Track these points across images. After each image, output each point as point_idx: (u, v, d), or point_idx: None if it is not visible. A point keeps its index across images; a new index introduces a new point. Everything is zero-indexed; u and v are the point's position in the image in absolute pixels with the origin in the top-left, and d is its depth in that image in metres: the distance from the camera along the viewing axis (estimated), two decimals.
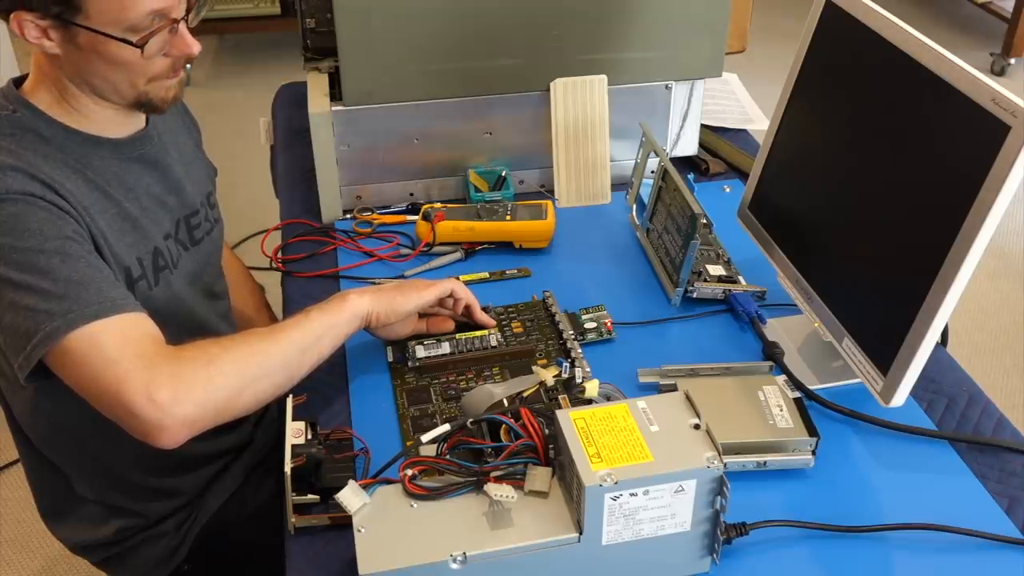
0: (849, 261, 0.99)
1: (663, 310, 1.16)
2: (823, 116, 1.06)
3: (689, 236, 1.11)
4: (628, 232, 1.32)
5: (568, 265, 1.26)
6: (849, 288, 0.99)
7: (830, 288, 1.01)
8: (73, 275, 0.89)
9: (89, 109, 0.98)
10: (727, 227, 1.22)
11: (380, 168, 1.34)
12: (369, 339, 1.07)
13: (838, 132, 1.03)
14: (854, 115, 1.00)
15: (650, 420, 0.83)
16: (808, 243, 1.06)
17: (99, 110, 0.98)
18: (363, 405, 1.02)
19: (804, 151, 1.09)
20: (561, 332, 1.09)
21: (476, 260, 1.26)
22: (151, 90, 0.97)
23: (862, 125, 0.99)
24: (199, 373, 0.87)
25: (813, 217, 1.06)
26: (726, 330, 1.13)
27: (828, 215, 1.03)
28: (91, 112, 0.98)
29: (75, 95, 0.97)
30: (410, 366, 1.05)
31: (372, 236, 1.30)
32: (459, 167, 1.37)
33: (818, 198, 1.05)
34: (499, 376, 1.04)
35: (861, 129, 0.99)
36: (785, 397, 0.98)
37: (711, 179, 1.44)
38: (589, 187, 1.37)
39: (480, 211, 1.27)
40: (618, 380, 1.00)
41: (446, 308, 1.07)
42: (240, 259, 1.41)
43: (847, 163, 1.01)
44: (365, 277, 1.22)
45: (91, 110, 0.98)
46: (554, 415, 0.84)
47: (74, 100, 0.97)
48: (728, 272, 1.18)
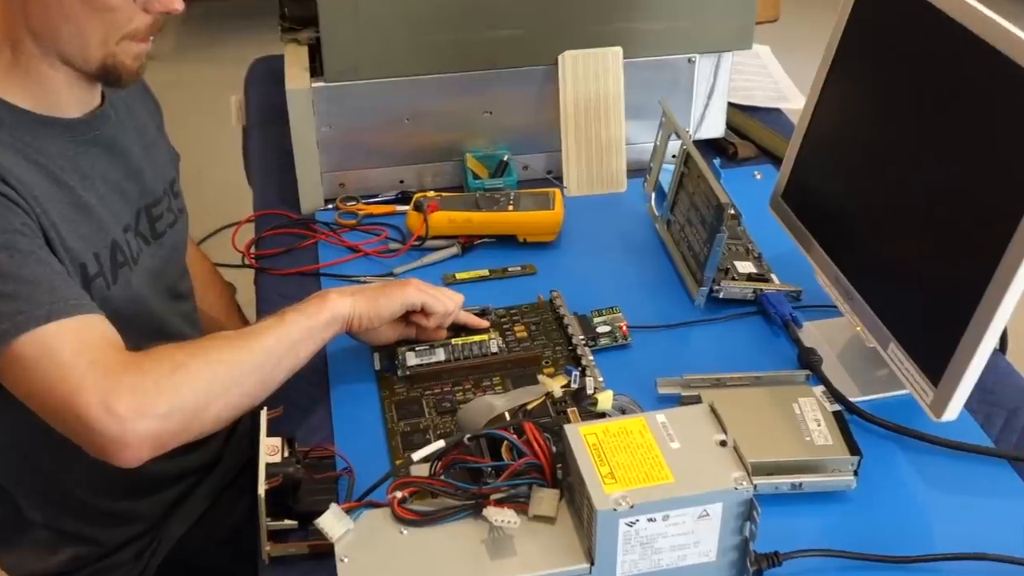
0: (896, 257, 0.99)
1: (685, 312, 1.16)
2: (867, 93, 1.06)
3: (715, 229, 1.11)
4: (646, 224, 1.32)
5: (578, 261, 1.26)
6: (896, 287, 0.99)
7: (874, 287, 1.01)
8: (22, 273, 0.89)
9: (44, 76, 0.98)
10: (758, 219, 1.22)
11: (366, 152, 1.35)
12: (354, 344, 1.08)
13: (884, 112, 1.03)
14: (903, 93, 1.00)
15: (670, 436, 0.83)
16: (850, 236, 1.06)
17: (55, 77, 0.98)
18: (347, 419, 1.02)
19: (845, 133, 1.09)
20: (570, 337, 1.09)
21: (474, 255, 1.26)
22: (120, 52, 0.97)
23: (912, 104, 0.99)
24: (163, 382, 0.88)
25: (855, 207, 1.06)
26: (756, 335, 1.13)
27: (872, 205, 1.03)
28: (45, 81, 0.98)
29: (30, 55, 0.96)
30: (400, 375, 1.05)
31: (357, 229, 1.30)
32: (455, 151, 1.37)
33: (861, 186, 1.05)
34: (500, 386, 1.04)
35: (911, 109, 0.99)
36: (823, 410, 0.98)
37: (740, 164, 1.43)
38: (602, 173, 1.38)
39: (479, 200, 1.27)
40: (634, 391, 1.00)
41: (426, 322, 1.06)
42: (207, 255, 1.41)
43: (894, 147, 1.01)
44: (349, 275, 1.22)
45: (46, 77, 0.98)
46: (562, 430, 0.84)
47: (28, 63, 0.97)
48: (759, 269, 1.19)
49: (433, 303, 1.04)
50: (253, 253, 1.28)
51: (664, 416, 0.84)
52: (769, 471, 0.92)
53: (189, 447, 0.98)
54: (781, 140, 1.44)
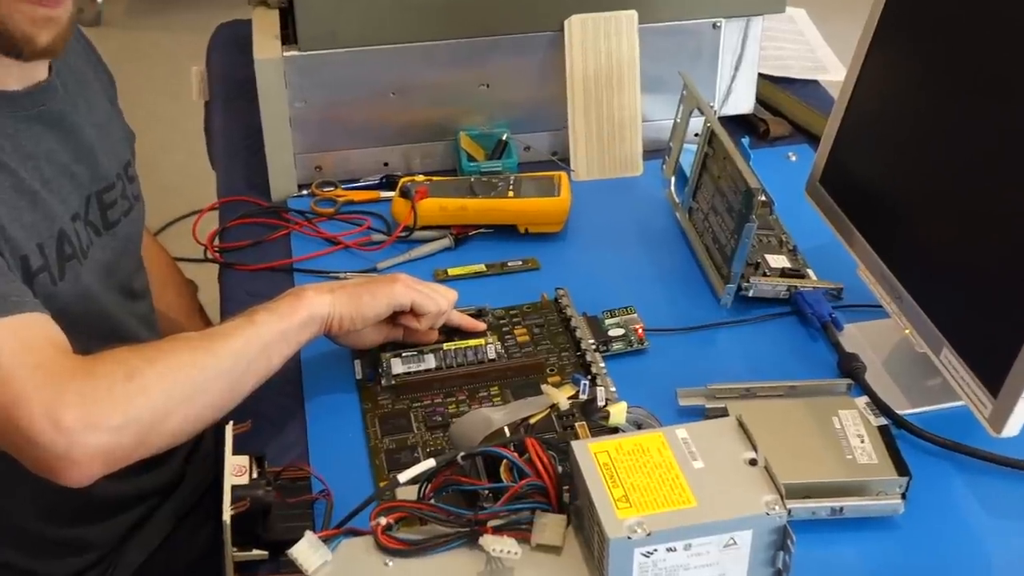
0: (950, 250, 0.99)
1: (710, 313, 1.16)
2: (918, 62, 1.06)
3: (743, 218, 1.11)
4: (665, 212, 1.32)
5: (587, 255, 1.25)
6: (950, 284, 0.99)
7: (925, 284, 1.01)
8: None
9: None
10: (792, 206, 1.21)
11: (346, 131, 1.34)
12: (333, 348, 1.08)
13: (939, 84, 1.03)
14: (959, 61, 1.00)
15: (693, 454, 0.83)
16: (897, 226, 1.06)
17: None
18: (324, 434, 1.02)
19: (893, 107, 1.09)
20: (578, 341, 1.09)
21: (469, 248, 1.26)
22: (15, 14, 0.94)
23: (970, 74, 0.98)
24: (116, 390, 0.88)
25: (904, 193, 1.06)
26: (791, 338, 1.13)
27: (924, 191, 1.03)
28: None
29: None
30: (384, 384, 1.05)
31: (335, 218, 1.30)
32: (447, 129, 1.37)
33: (911, 168, 1.05)
34: (498, 398, 1.04)
35: (970, 80, 0.98)
36: (867, 424, 0.98)
37: (772, 144, 1.43)
38: (614, 155, 1.37)
39: (474, 186, 1.27)
40: (652, 403, 1.00)
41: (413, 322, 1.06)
42: (165, 248, 1.41)
43: (950, 124, 1.01)
44: (326, 271, 1.22)
45: None
46: (569, 447, 0.84)
47: None
48: (794, 264, 1.18)
49: (424, 302, 1.04)
50: (217, 246, 1.28)
51: (686, 431, 0.84)
52: (805, 494, 0.92)
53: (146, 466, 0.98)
54: (819, 116, 1.44)
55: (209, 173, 1.51)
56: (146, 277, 1.22)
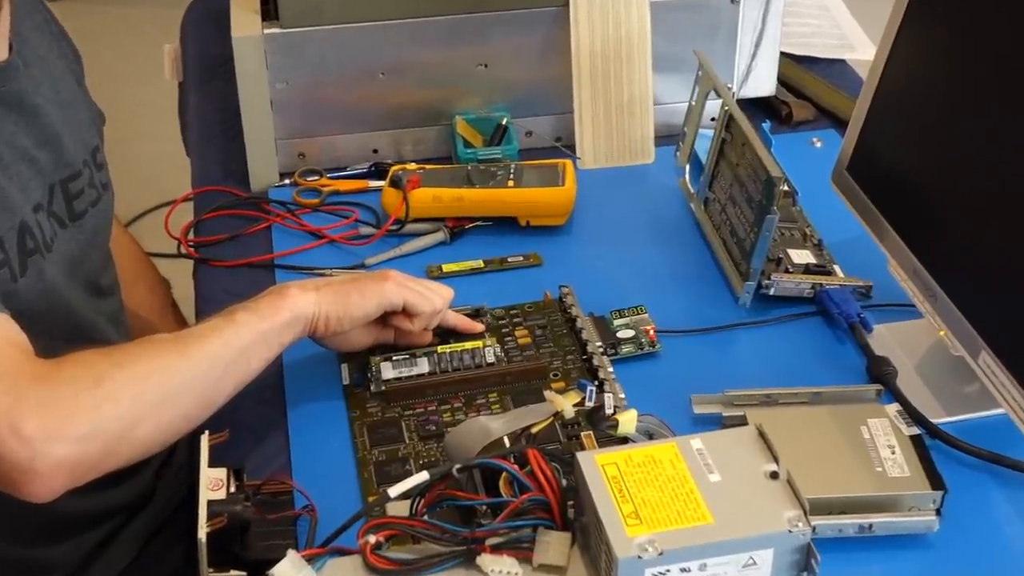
0: (990, 244, 0.99)
1: (727, 313, 1.16)
2: (955, 39, 1.05)
3: (764, 209, 1.11)
4: (678, 204, 1.32)
5: (594, 250, 1.26)
6: (989, 282, 0.99)
7: (962, 282, 1.01)
8: None
9: None
10: (818, 196, 1.22)
11: (332, 115, 1.34)
12: (317, 351, 1.08)
13: (978, 62, 1.03)
14: (1002, 38, 1.00)
15: (709, 466, 0.83)
16: (932, 219, 1.06)
17: None
18: (308, 445, 1.02)
19: (928, 89, 1.09)
20: (584, 344, 1.10)
21: (466, 243, 1.26)
22: None
23: (1014, 52, 0.98)
24: (82, 397, 0.88)
25: (939, 182, 1.06)
26: (815, 340, 1.13)
27: (961, 180, 1.03)
28: None
29: None
30: (374, 390, 1.05)
31: (320, 210, 1.30)
32: (442, 113, 1.37)
33: (947, 155, 1.05)
34: (498, 405, 1.05)
35: (1013, 58, 0.98)
36: (898, 434, 0.98)
37: (795, 129, 1.43)
38: (624, 141, 1.37)
39: (471, 174, 1.27)
40: (664, 410, 1.00)
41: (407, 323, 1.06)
42: (137, 242, 1.41)
43: (990, 106, 1.01)
44: (310, 267, 1.22)
45: None
46: (574, 459, 0.84)
47: None
48: (818, 259, 1.19)
49: (417, 300, 1.04)
50: (191, 240, 1.28)
51: (701, 441, 0.85)
52: (831, 509, 0.92)
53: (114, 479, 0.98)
54: (846, 99, 1.44)
55: (183, 160, 1.52)
56: (115, 273, 1.22)
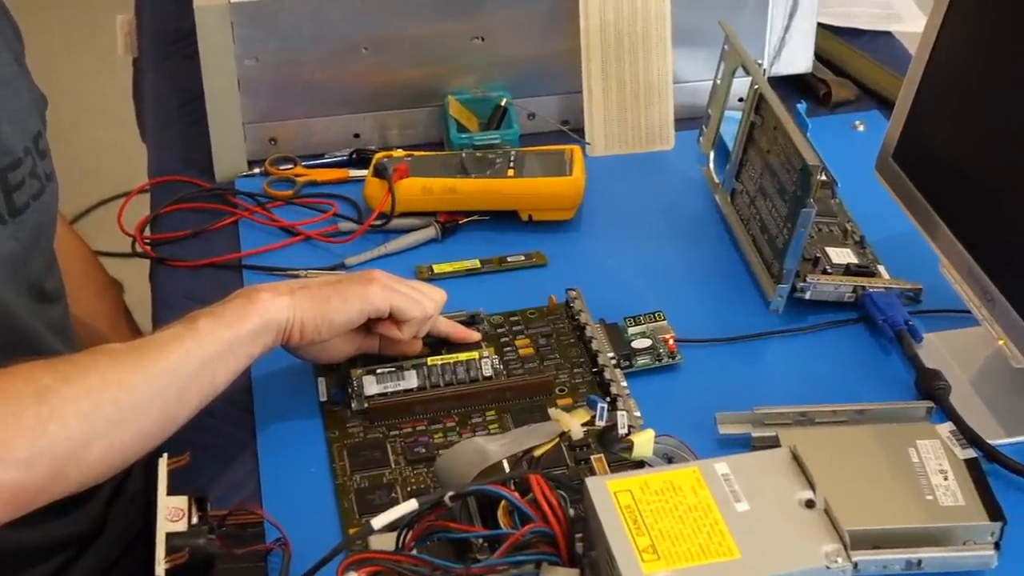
0: None
1: (757, 319, 1.16)
2: (1017, 7, 1.06)
3: (799, 202, 1.11)
4: (701, 195, 1.32)
5: (605, 248, 1.26)
6: None
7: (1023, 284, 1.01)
8: None
9: None
10: (860, 187, 1.22)
11: (307, 95, 1.34)
12: (292, 363, 1.08)
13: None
14: None
15: (736, 494, 0.83)
16: (990, 213, 1.06)
17: None
18: (280, 470, 1.03)
19: (984, 65, 1.09)
20: (594, 355, 1.10)
21: (460, 240, 1.26)
22: None
23: None
24: (23, 416, 0.87)
25: (998, 171, 1.06)
26: (857, 351, 1.13)
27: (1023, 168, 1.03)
28: None
29: None
30: (355, 408, 1.05)
31: (294, 203, 1.31)
32: (432, 93, 1.37)
33: (1007, 140, 1.05)
34: (496, 424, 1.05)
35: None
36: (951, 458, 0.98)
37: (834, 111, 1.44)
38: (639, 124, 1.37)
39: (466, 162, 1.27)
40: (685, 430, 1.00)
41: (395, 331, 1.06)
42: (84, 241, 1.41)
43: None
44: (283, 268, 1.22)
45: None
46: (583, 486, 0.84)
47: None
48: (861, 259, 1.19)
49: (406, 305, 1.04)
50: (147, 237, 1.28)
51: (727, 465, 0.84)
52: (875, 542, 0.92)
53: (60, 509, 0.98)
54: (892, 76, 1.44)
55: (138, 147, 1.52)
56: (60, 276, 1.22)
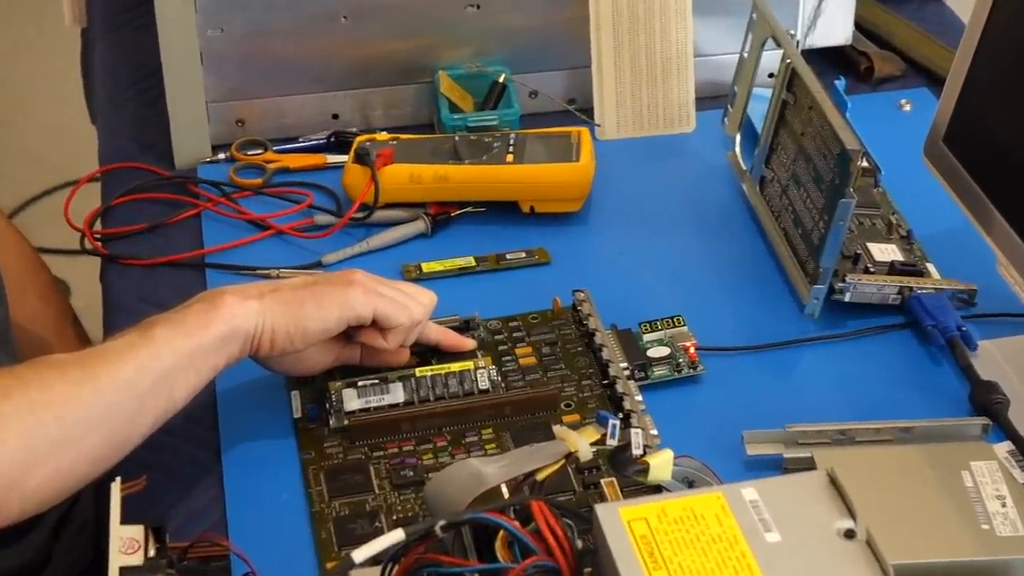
0: None
1: (789, 325, 1.16)
2: None
3: (837, 191, 1.12)
4: (726, 184, 1.32)
5: (617, 244, 1.26)
6: None
7: None
8: None
9: None
10: (907, 174, 1.22)
11: (279, 70, 1.35)
12: (260, 375, 1.08)
13: None
14: None
15: (766, 522, 0.83)
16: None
17: None
18: (248, 496, 1.03)
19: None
20: (605, 365, 1.10)
21: (452, 235, 1.27)
22: None
23: None
24: None
25: None
26: (904, 360, 1.13)
27: None
28: None
29: None
30: (333, 426, 1.06)
31: (264, 193, 1.31)
32: (421, 68, 1.37)
33: None
34: (493, 444, 1.05)
35: None
36: (1011, 481, 0.98)
37: (877, 88, 1.44)
38: (656, 104, 1.38)
39: (459, 147, 1.27)
40: (708, 451, 1.00)
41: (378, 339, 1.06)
42: (24, 236, 1.41)
43: None
44: (251, 267, 1.22)
45: None
46: (593, 513, 0.84)
47: None
48: (907, 256, 1.19)
49: (391, 310, 1.04)
50: (98, 232, 1.28)
51: (755, 491, 0.84)
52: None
53: (1, 539, 0.98)
54: (943, 48, 1.44)
55: (87, 129, 1.52)
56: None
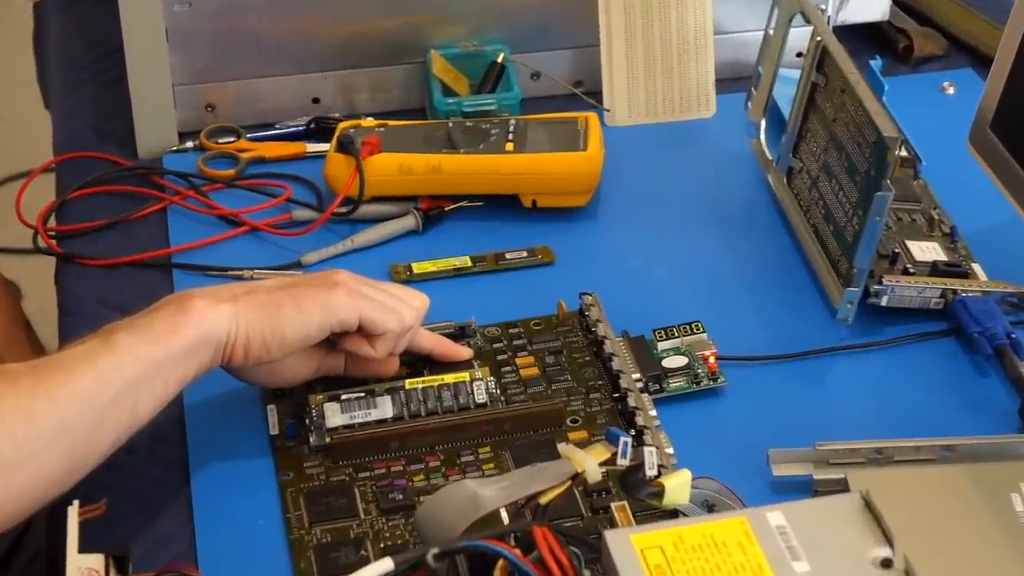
0: None
1: (820, 331, 1.16)
2: None
3: (873, 183, 1.12)
4: (750, 175, 1.33)
5: (628, 242, 1.26)
6: None
7: None
8: None
9: None
10: (950, 165, 1.22)
11: (254, 49, 1.35)
12: (233, 387, 1.08)
13: None
14: None
15: (794, 550, 0.83)
16: None
17: None
18: (220, 521, 1.02)
19: None
20: (616, 376, 1.10)
21: (445, 232, 1.27)
22: None
23: None
24: None
25: None
26: (947, 371, 1.14)
27: None
28: None
29: None
30: (314, 444, 1.06)
31: (237, 185, 1.31)
32: (411, 47, 1.37)
33: None
34: (491, 464, 1.05)
35: None
36: None
37: (917, 68, 1.44)
38: (672, 86, 1.38)
39: (453, 134, 1.27)
40: (729, 471, 1.00)
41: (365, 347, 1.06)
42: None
43: None
44: (222, 267, 1.23)
45: None
46: (602, 541, 0.84)
47: None
48: (951, 255, 1.19)
49: (378, 315, 1.04)
50: (53, 228, 1.28)
51: (783, 515, 0.85)
52: None
53: None
54: (989, 25, 1.45)
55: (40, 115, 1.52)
56: None
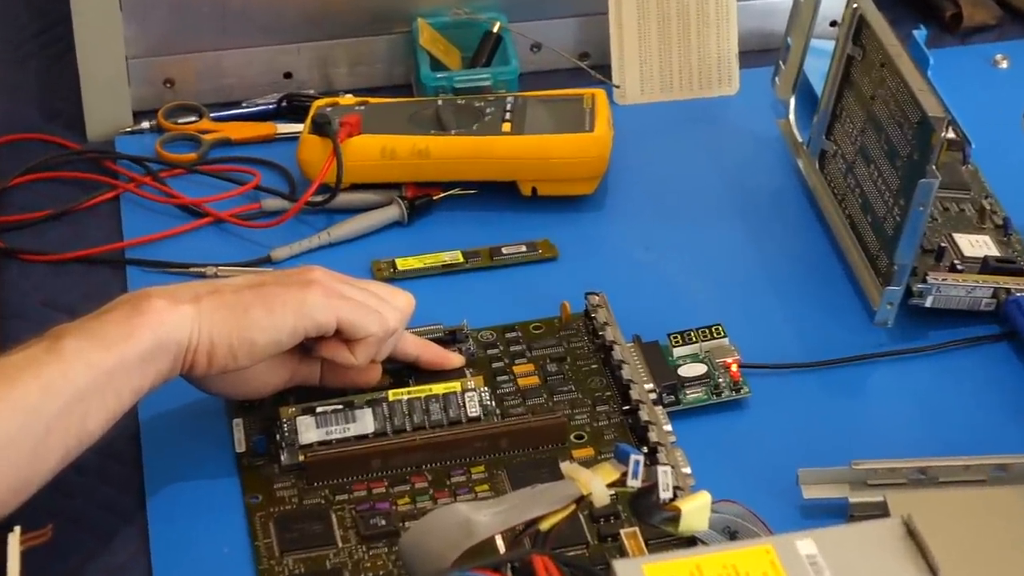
0: None
1: (856, 336, 1.17)
2: None
3: (916, 169, 1.12)
4: (777, 159, 1.33)
5: (640, 235, 1.27)
6: None
7: None
8: None
9: None
10: (1003, 148, 1.23)
11: (217, 17, 1.35)
12: (194, 398, 1.08)
13: None
14: None
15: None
16: None
17: None
18: (179, 550, 1.03)
19: None
20: (626, 386, 1.10)
21: (434, 223, 1.27)
22: None
23: None
24: None
25: None
26: (999, 381, 1.14)
27: None
28: None
29: None
30: (286, 463, 1.06)
31: (198, 171, 1.31)
32: (394, 14, 1.38)
33: None
34: (486, 485, 1.05)
35: None
36: None
37: (966, 40, 1.45)
38: (690, 60, 1.38)
39: (443, 113, 1.28)
40: (755, 494, 1.00)
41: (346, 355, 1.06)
42: None
43: None
44: (183, 263, 1.23)
45: None
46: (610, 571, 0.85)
47: None
48: (1004, 250, 1.19)
49: (358, 317, 1.04)
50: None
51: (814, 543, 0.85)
52: None
53: None
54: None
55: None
56: None
